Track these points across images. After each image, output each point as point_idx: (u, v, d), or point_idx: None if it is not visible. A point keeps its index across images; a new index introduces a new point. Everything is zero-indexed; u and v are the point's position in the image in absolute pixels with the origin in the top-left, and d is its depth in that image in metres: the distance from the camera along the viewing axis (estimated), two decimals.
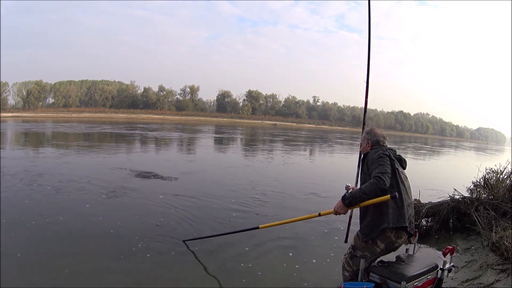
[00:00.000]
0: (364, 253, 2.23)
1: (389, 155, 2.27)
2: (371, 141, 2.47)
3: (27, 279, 2.91)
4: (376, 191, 2.06)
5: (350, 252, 2.34)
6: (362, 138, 2.58)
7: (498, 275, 2.95)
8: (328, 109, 79.80)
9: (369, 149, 2.44)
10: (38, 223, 4.21)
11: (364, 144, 2.51)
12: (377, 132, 2.53)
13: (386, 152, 2.27)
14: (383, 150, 2.30)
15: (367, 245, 2.22)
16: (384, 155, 2.24)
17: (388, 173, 2.12)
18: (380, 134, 2.51)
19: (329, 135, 39.03)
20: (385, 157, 2.22)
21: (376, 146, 2.43)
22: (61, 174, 7.16)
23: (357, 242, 2.30)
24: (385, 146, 2.45)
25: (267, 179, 8.21)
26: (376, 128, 2.58)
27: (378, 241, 2.18)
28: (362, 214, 2.29)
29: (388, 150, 2.34)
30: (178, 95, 68.32)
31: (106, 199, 5.52)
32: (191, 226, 4.51)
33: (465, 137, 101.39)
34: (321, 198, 6.62)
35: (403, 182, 2.25)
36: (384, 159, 2.20)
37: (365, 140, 2.51)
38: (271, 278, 3.24)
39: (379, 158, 2.20)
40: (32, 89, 55.62)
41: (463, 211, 4.39)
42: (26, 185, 6.04)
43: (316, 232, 4.60)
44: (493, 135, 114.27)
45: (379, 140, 2.46)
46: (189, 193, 6.16)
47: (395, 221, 2.13)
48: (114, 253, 3.53)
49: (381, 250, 2.20)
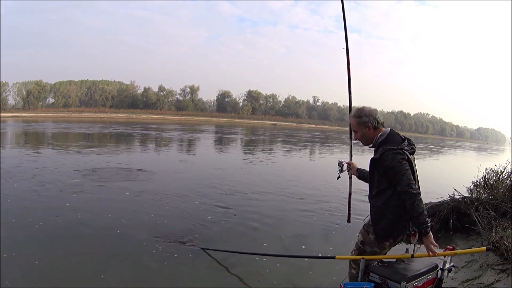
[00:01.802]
0: (374, 248, 2.22)
1: (407, 157, 2.05)
2: (370, 123, 2.16)
3: (28, 279, 2.91)
4: (420, 203, 1.99)
5: (359, 248, 2.28)
6: (354, 124, 2.22)
7: (498, 275, 2.94)
8: (328, 109, 79.78)
9: (371, 132, 2.17)
10: (37, 222, 4.21)
11: (363, 130, 2.19)
12: (368, 110, 2.19)
13: (404, 156, 2.03)
14: (399, 151, 2.04)
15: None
16: (403, 159, 2.01)
17: (413, 181, 2.01)
18: (373, 110, 2.19)
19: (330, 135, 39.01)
20: (405, 162, 2.01)
21: (377, 127, 2.16)
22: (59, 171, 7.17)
23: (366, 238, 2.25)
24: (382, 125, 2.20)
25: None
26: (365, 106, 2.22)
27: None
28: (378, 215, 2.14)
29: (404, 149, 2.07)
30: (178, 95, 68.58)
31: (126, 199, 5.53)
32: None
33: (465, 137, 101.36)
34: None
35: (416, 176, 2.12)
36: (404, 166, 2.00)
37: (362, 125, 2.18)
38: (272, 278, 3.24)
39: (400, 165, 2.00)
40: (32, 89, 55.62)
41: (463, 211, 4.38)
42: (30, 184, 6.07)
43: (317, 230, 4.62)
44: (493, 135, 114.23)
45: (376, 118, 2.17)
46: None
47: (412, 223, 2.08)
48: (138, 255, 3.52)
49: (389, 243, 2.21)
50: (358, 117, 2.20)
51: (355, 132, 2.27)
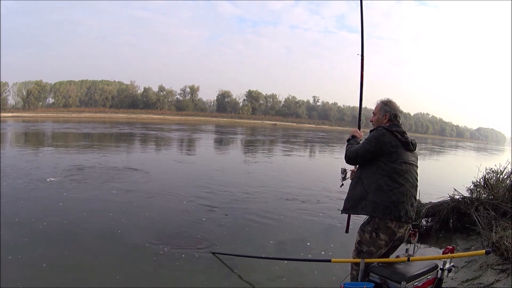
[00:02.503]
0: (370, 248, 2.22)
1: (388, 142, 2.19)
2: (390, 114, 2.30)
3: (27, 280, 2.90)
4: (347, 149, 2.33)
5: (356, 248, 2.30)
6: (378, 108, 2.36)
7: (498, 275, 2.94)
8: (328, 109, 79.77)
9: (384, 121, 2.31)
10: (38, 222, 4.20)
11: (380, 116, 2.33)
12: (396, 105, 2.33)
13: (385, 138, 2.19)
14: (387, 134, 2.20)
15: (372, 239, 2.21)
16: (378, 140, 2.18)
17: (360, 158, 2.24)
18: (398, 108, 2.33)
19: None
20: (378, 143, 2.18)
21: (393, 120, 2.30)
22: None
23: (362, 237, 2.27)
24: (399, 124, 2.32)
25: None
26: (393, 101, 2.37)
27: (380, 234, 2.18)
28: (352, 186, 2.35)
29: (397, 132, 2.23)
30: (178, 95, 68.53)
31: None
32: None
33: (465, 137, 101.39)
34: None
35: (406, 171, 2.20)
36: (372, 144, 2.20)
37: (382, 111, 2.32)
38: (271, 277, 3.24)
39: (371, 139, 2.22)
40: (32, 89, 55.58)
41: (463, 211, 4.38)
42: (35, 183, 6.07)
43: (316, 231, 4.61)
44: (493, 135, 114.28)
45: (397, 114, 2.31)
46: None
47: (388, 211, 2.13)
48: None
49: (385, 242, 2.19)
50: (384, 104, 2.36)
51: (373, 114, 2.41)
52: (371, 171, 2.23)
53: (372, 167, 2.23)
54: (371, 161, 2.23)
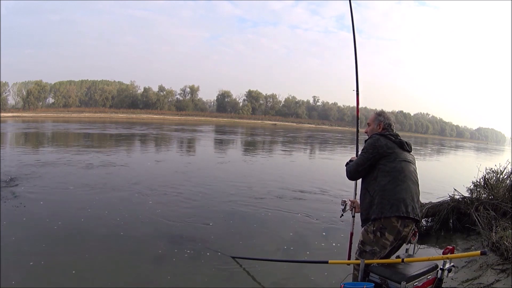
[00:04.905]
0: (373, 247, 2.22)
1: (384, 145, 2.30)
2: (384, 123, 2.46)
3: (29, 279, 2.91)
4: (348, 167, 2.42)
5: (359, 248, 2.30)
6: (372, 118, 2.54)
7: (498, 275, 2.94)
8: (328, 109, 79.75)
9: (379, 130, 2.45)
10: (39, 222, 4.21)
11: (375, 125, 2.49)
12: (390, 116, 2.52)
13: (380, 142, 2.30)
14: (381, 139, 2.32)
15: (376, 238, 2.21)
16: (374, 146, 2.29)
17: (361, 168, 2.32)
18: (392, 118, 2.51)
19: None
20: (375, 148, 2.28)
21: (387, 128, 2.44)
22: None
23: (365, 237, 2.27)
24: (393, 131, 2.46)
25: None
26: (386, 112, 2.58)
27: (386, 233, 2.19)
28: (361, 198, 2.39)
29: (390, 135, 2.37)
30: (178, 95, 68.50)
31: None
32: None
33: (465, 137, 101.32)
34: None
35: (406, 169, 2.28)
36: (369, 152, 2.29)
37: (376, 121, 2.49)
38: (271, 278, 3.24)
39: (367, 147, 2.31)
40: (32, 89, 55.61)
41: (463, 211, 4.38)
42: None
43: (316, 232, 4.62)
44: (493, 135, 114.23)
45: (391, 123, 2.47)
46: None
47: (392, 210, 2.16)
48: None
49: (390, 242, 2.20)
50: (378, 115, 2.53)
51: (368, 125, 2.56)
52: (373, 177, 2.31)
53: (374, 173, 2.32)
54: (372, 168, 2.32)
